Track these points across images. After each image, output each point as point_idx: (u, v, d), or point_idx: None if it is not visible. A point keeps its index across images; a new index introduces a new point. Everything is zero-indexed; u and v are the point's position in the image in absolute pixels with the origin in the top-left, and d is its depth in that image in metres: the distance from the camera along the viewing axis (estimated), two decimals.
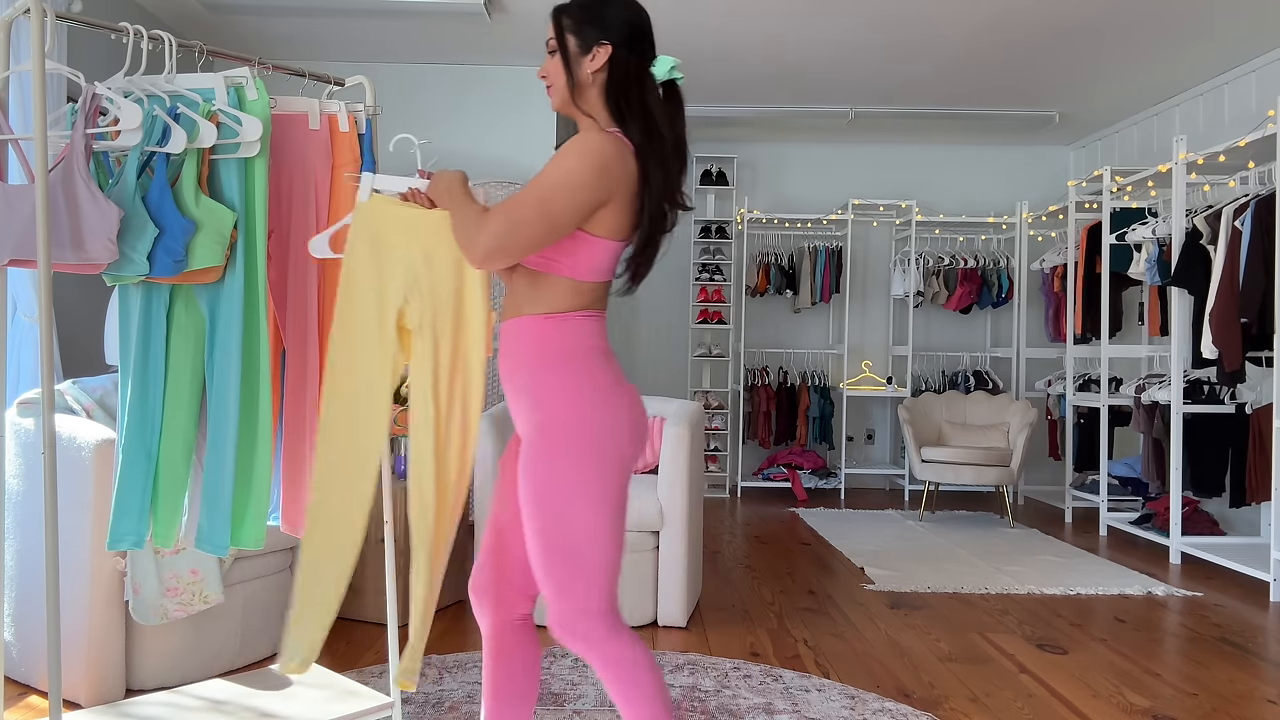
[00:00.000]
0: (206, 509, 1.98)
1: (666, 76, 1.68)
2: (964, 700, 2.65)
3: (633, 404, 1.66)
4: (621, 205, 1.60)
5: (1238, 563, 4.16)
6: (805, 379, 6.82)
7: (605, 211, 1.58)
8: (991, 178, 7.07)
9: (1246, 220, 4.01)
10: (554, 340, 1.64)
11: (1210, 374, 4.63)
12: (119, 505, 1.93)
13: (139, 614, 2.46)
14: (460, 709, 2.49)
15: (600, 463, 1.59)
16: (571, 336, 1.64)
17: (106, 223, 1.72)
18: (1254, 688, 2.81)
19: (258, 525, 2.01)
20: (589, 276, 1.64)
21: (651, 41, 1.70)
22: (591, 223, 1.59)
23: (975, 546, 4.82)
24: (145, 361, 1.93)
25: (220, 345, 1.96)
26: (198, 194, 1.86)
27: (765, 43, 4.91)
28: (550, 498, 1.58)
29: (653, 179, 1.61)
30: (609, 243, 1.62)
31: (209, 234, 1.84)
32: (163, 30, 2.00)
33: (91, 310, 4.07)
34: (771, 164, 7.10)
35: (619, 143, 1.59)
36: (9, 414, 2.62)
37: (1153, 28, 4.60)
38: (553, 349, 1.64)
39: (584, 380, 1.63)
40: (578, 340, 1.64)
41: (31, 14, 1.67)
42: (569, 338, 1.64)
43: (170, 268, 1.82)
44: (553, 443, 1.60)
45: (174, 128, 1.82)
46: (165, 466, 1.97)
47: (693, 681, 2.74)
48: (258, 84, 1.97)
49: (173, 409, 1.97)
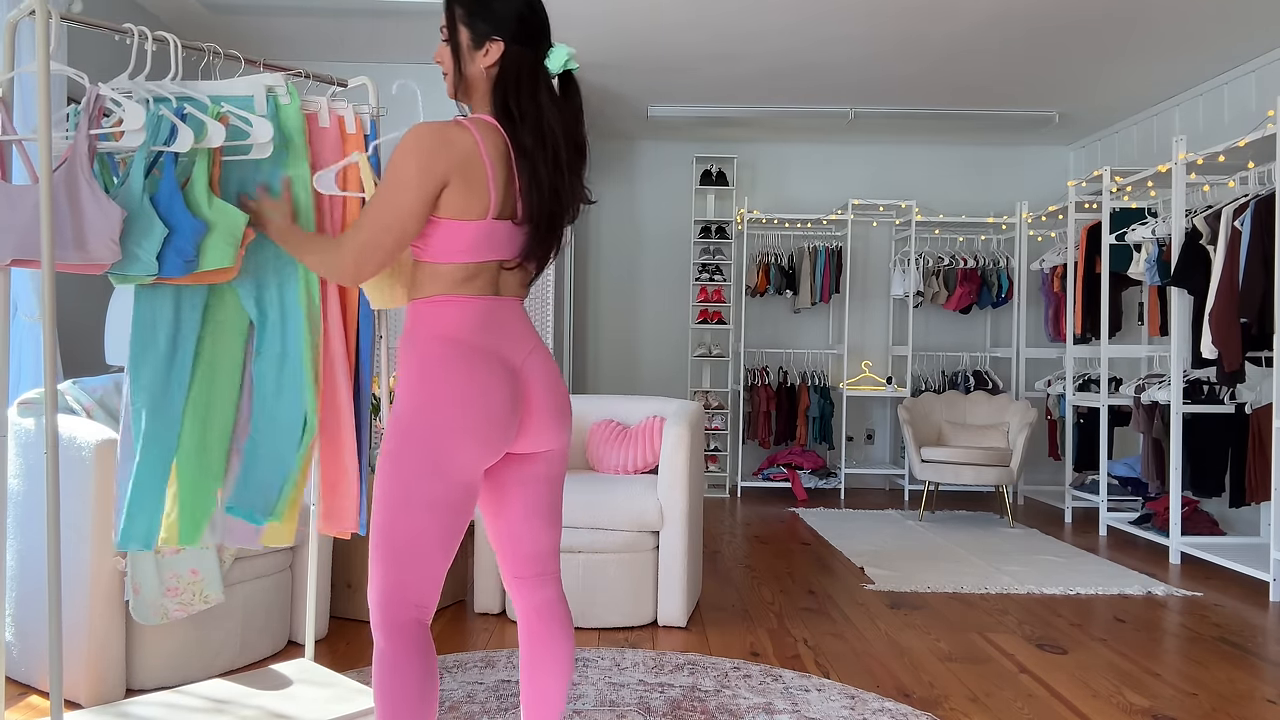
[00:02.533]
0: (245, 481, 2.01)
1: (562, 68, 1.63)
2: (964, 700, 2.65)
3: (481, 400, 1.56)
4: (464, 185, 1.53)
5: (1237, 563, 4.16)
6: (805, 379, 6.82)
7: (447, 193, 1.54)
8: (991, 178, 7.07)
9: (1246, 220, 4.01)
10: (411, 326, 1.62)
11: (1210, 374, 4.63)
12: (133, 505, 1.92)
13: (139, 614, 2.46)
14: (460, 709, 2.49)
15: (411, 459, 1.54)
16: (422, 322, 1.60)
17: (109, 223, 1.73)
18: (1254, 687, 2.81)
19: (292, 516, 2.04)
20: (443, 258, 1.58)
21: (546, 32, 1.66)
22: (437, 206, 1.55)
23: (975, 546, 4.83)
24: (172, 361, 1.94)
25: (268, 343, 1.99)
26: (209, 195, 1.86)
27: (765, 43, 4.91)
28: (377, 481, 1.59)
29: (539, 175, 1.58)
30: (456, 223, 1.55)
31: (221, 235, 1.85)
32: (164, 30, 2.01)
33: (92, 310, 4.07)
34: (771, 164, 7.10)
35: (445, 128, 1.53)
36: (10, 414, 2.62)
37: (1153, 28, 4.61)
38: (407, 335, 1.62)
39: (418, 368, 1.57)
40: (426, 326, 1.59)
41: (36, 15, 1.67)
42: (419, 323, 1.60)
43: (180, 268, 1.82)
44: (388, 430, 1.59)
45: (181, 127, 1.82)
46: (200, 463, 1.98)
47: (693, 681, 2.74)
48: (290, 89, 1.99)
49: (209, 406, 1.98)
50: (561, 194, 1.62)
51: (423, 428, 1.54)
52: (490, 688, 2.65)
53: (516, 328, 1.65)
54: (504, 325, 1.63)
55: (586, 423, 3.91)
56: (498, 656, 2.92)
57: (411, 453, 1.54)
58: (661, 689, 2.67)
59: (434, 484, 1.55)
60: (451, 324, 1.58)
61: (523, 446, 1.68)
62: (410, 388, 1.57)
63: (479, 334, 1.59)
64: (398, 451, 1.55)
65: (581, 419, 3.91)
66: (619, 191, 7.05)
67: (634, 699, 2.58)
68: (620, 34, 4.81)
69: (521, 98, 1.59)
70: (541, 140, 1.59)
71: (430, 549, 1.56)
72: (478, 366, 1.57)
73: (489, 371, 1.58)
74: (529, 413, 1.65)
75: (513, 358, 1.62)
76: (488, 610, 3.38)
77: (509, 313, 1.64)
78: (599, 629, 3.28)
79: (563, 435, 1.73)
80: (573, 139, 1.65)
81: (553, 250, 1.67)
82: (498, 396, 1.58)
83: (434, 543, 1.56)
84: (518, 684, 2.66)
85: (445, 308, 1.58)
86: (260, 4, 4.42)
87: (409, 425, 1.55)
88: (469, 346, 1.58)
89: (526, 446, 1.69)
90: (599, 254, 7.08)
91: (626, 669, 2.83)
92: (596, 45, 4.98)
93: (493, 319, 1.61)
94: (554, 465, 1.75)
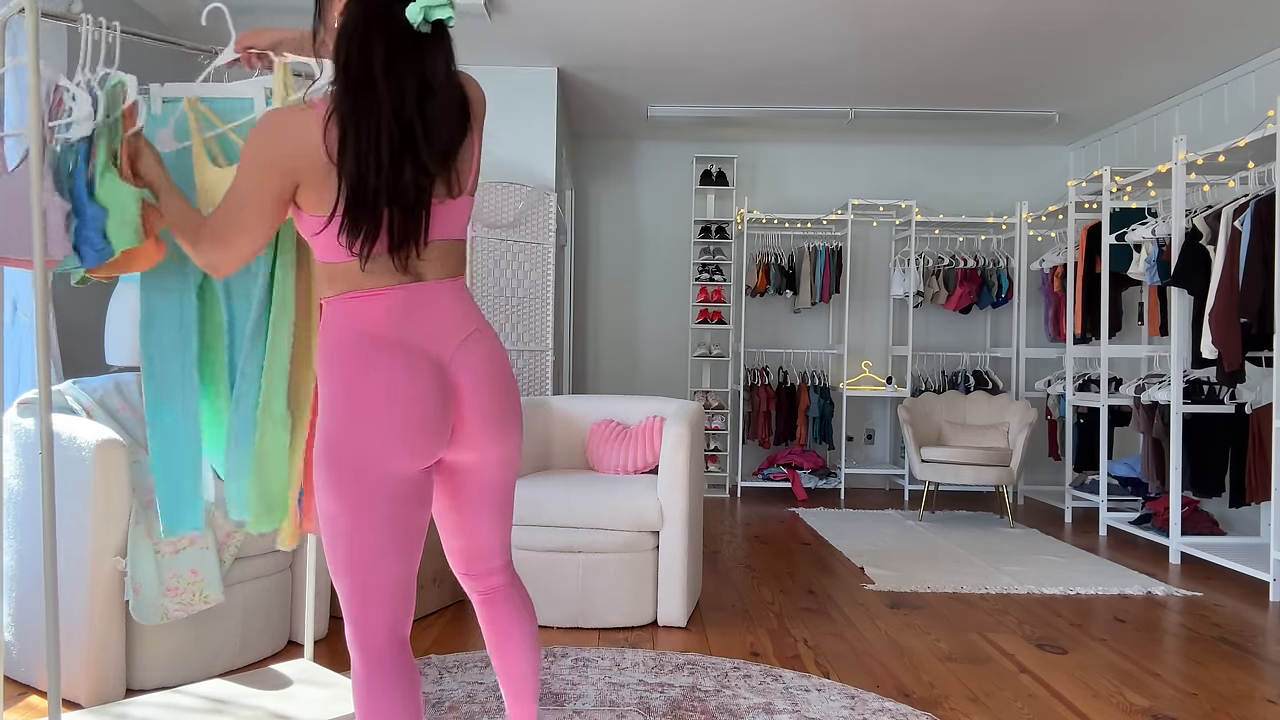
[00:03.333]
0: (233, 483, 2.03)
1: (419, 19, 1.40)
2: (964, 700, 2.65)
3: (391, 396, 1.43)
4: (311, 178, 1.41)
5: (1237, 563, 4.16)
6: (805, 379, 6.82)
7: (300, 188, 1.43)
8: (991, 178, 7.07)
9: (1246, 220, 4.01)
10: (320, 330, 1.51)
11: (1210, 374, 4.63)
12: (170, 496, 1.99)
13: (139, 614, 2.46)
14: (460, 709, 2.49)
15: (335, 467, 1.43)
16: (326, 324, 1.49)
17: (55, 217, 1.70)
18: (1254, 688, 2.81)
19: (281, 505, 2.04)
20: (327, 256, 1.46)
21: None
22: (296, 199, 1.46)
23: (975, 546, 4.82)
24: (183, 359, 1.97)
25: (238, 342, 1.99)
26: (105, 176, 1.78)
27: (765, 43, 4.91)
28: (315, 498, 1.51)
29: (349, 142, 1.38)
30: (317, 219, 1.44)
31: (116, 218, 1.77)
32: (164, 30, 2.00)
33: (92, 310, 4.07)
34: (771, 164, 7.10)
35: (288, 115, 1.42)
36: (9, 414, 2.62)
37: (1153, 28, 4.61)
38: (319, 341, 1.51)
39: (325, 373, 1.46)
40: (328, 327, 1.48)
41: (26, 14, 1.67)
42: (324, 326, 1.49)
43: (94, 256, 1.77)
44: (315, 443, 1.50)
45: (77, 112, 1.77)
46: (209, 453, 2.05)
47: (692, 681, 2.74)
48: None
49: (209, 396, 2.01)
50: (408, 164, 1.41)
51: (337, 435, 1.43)
52: (490, 688, 2.65)
53: (440, 316, 1.49)
54: (422, 315, 1.47)
55: (586, 423, 3.90)
56: None
57: (334, 461, 1.43)
58: (661, 689, 2.67)
59: (363, 491, 1.43)
60: (355, 320, 1.45)
61: (460, 455, 1.55)
62: (323, 395, 1.47)
63: (386, 327, 1.45)
64: (323, 460, 1.45)
65: (581, 419, 3.91)
66: (619, 191, 7.05)
67: (634, 699, 2.58)
68: (620, 34, 4.81)
69: (351, 51, 1.40)
70: (372, 104, 1.38)
71: (381, 559, 1.45)
72: (383, 363, 1.43)
73: (405, 367, 1.43)
74: (461, 418, 1.51)
75: (439, 350, 1.47)
76: None
77: (430, 299, 1.48)
78: (599, 629, 3.27)
79: (508, 440, 1.58)
80: (421, 94, 1.42)
81: (423, 225, 1.45)
82: (417, 391, 1.44)
83: (383, 553, 1.45)
84: None
85: (348, 305, 1.46)
86: (260, 4, 4.42)
87: (326, 433, 1.45)
88: (375, 342, 1.44)
89: (465, 456, 1.56)
90: (599, 254, 7.08)
91: (626, 669, 2.83)
92: (596, 45, 4.98)
93: (404, 309, 1.46)
94: (504, 470, 1.62)
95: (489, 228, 4.97)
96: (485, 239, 4.96)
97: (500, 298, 5.03)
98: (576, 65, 5.34)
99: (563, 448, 3.90)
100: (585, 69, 5.39)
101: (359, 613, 1.46)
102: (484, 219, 4.95)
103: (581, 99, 5.96)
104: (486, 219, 4.96)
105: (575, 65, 5.34)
